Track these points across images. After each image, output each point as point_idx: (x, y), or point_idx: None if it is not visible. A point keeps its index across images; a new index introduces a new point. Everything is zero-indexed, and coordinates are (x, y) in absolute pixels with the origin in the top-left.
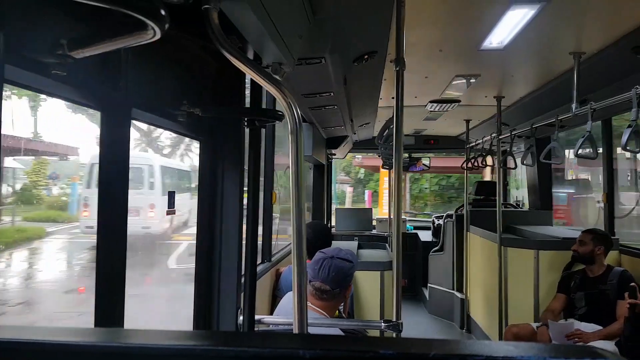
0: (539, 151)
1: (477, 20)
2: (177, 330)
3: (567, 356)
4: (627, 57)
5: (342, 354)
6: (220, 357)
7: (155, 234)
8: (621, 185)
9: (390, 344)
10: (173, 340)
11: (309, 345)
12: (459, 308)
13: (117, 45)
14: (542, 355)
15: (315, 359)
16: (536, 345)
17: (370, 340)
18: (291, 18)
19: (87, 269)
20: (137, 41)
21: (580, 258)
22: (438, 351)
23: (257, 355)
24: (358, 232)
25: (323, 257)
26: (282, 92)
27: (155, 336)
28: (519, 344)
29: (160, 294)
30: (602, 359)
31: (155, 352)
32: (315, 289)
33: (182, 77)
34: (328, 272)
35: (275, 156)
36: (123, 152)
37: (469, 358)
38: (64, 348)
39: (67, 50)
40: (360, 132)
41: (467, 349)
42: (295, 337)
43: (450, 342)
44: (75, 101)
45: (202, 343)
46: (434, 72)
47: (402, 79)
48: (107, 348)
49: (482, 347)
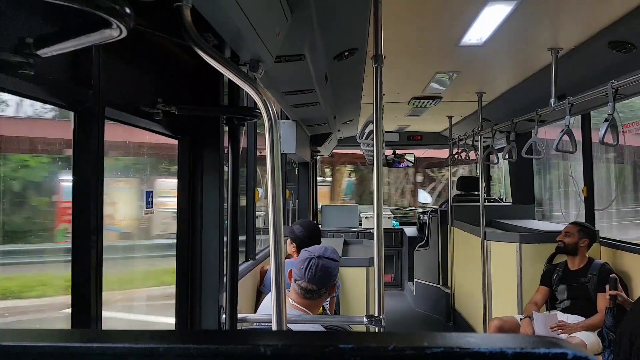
0: (520, 146)
1: (455, 17)
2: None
3: (523, 346)
4: (603, 52)
5: (302, 350)
6: (176, 356)
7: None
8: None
9: (350, 338)
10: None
11: (269, 342)
12: (444, 302)
13: (83, 44)
14: (499, 345)
15: (276, 355)
16: (495, 335)
17: (331, 335)
18: (267, 15)
19: None
20: (104, 39)
21: (565, 249)
22: (397, 344)
23: (216, 352)
24: (344, 228)
25: (309, 256)
26: (256, 89)
27: (130, 336)
28: (477, 335)
29: None
30: (557, 347)
31: (130, 352)
32: (302, 289)
33: (157, 75)
34: (315, 272)
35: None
36: (97, 152)
37: (427, 350)
38: (37, 350)
39: (34, 49)
40: (344, 129)
41: (425, 341)
42: (256, 334)
43: (410, 335)
44: (46, 101)
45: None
46: (415, 68)
47: (381, 76)
48: (84, 349)
49: (441, 339)
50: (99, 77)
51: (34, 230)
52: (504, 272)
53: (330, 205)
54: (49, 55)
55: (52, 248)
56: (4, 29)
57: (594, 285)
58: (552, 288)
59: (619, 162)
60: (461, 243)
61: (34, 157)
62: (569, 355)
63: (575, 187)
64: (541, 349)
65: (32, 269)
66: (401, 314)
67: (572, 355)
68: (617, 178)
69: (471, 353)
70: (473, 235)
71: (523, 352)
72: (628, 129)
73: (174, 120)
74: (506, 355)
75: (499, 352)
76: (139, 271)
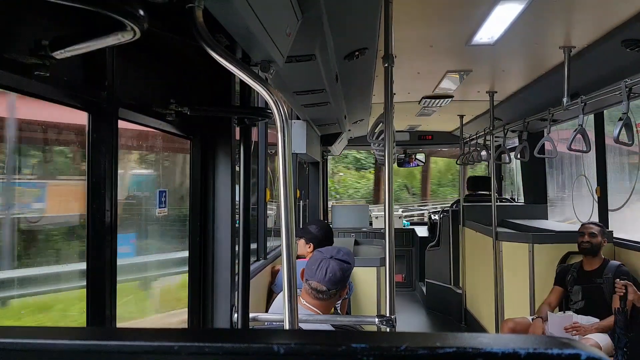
0: (532, 146)
1: (466, 16)
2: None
3: (536, 347)
4: (617, 50)
5: (315, 348)
6: (190, 354)
7: None
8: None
9: (363, 338)
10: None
11: (282, 340)
12: (456, 302)
13: (98, 45)
14: (511, 346)
15: (289, 353)
16: (508, 336)
17: (344, 334)
18: (278, 15)
19: None
20: (118, 41)
21: (591, 250)
22: (410, 344)
23: (231, 351)
24: (355, 228)
25: (321, 257)
26: (268, 89)
27: (145, 334)
28: (490, 335)
29: None
30: (570, 348)
31: (145, 349)
32: (312, 289)
33: (169, 76)
34: (325, 273)
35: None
36: (112, 152)
37: (439, 350)
38: (53, 347)
39: (49, 51)
40: (354, 128)
41: (438, 341)
42: (268, 333)
43: (423, 335)
44: (61, 102)
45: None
46: (426, 68)
47: (392, 75)
48: (99, 347)
49: (453, 339)
50: (113, 79)
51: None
52: (516, 273)
53: (341, 205)
54: (63, 57)
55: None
56: (20, 31)
57: (609, 286)
58: (566, 289)
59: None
60: (472, 243)
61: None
62: (582, 356)
63: (589, 187)
64: (554, 350)
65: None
66: (412, 314)
67: (585, 356)
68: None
69: (484, 353)
70: (485, 236)
71: (536, 352)
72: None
73: (186, 120)
74: (519, 355)
75: (512, 353)
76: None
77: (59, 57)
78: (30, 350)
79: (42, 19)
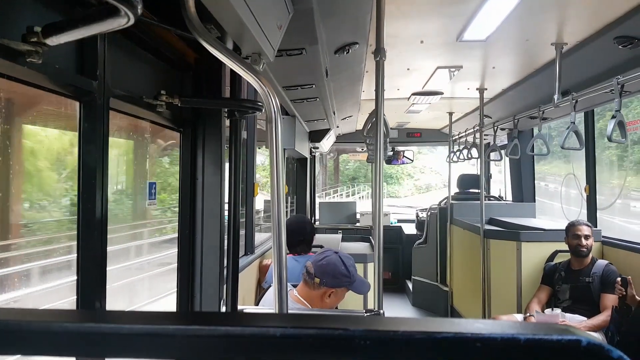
0: (522, 143)
1: (457, 11)
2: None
3: (535, 332)
4: (609, 47)
5: (311, 332)
6: (191, 337)
7: None
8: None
9: (360, 322)
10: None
11: (279, 323)
12: (442, 300)
13: (91, 32)
14: (511, 332)
15: (285, 336)
16: (507, 322)
17: (339, 317)
18: (270, 8)
19: None
20: (112, 27)
21: (588, 252)
22: (408, 328)
23: (227, 334)
24: (342, 225)
25: (329, 249)
26: (260, 81)
27: (137, 317)
28: (488, 321)
29: None
30: (570, 334)
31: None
32: (307, 270)
33: (160, 67)
34: (321, 259)
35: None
36: (102, 142)
37: (437, 335)
38: (46, 329)
39: (42, 37)
40: (343, 125)
41: (437, 326)
42: (264, 317)
43: (420, 320)
44: (53, 90)
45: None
46: (416, 63)
47: (383, 69)
48: (89, 329)
49: (451, 325)
50: (104, 69)
51: None
52: (504, 271)
53: (328, 202)
54: (57, 43)
55: None
56: (13, 17)
57: (597, 285)
58: (554, 287)
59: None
60: (460, 241)
61: None
62: (582, 342)
63: (577, 185)
64: (554, 336)
65: None
66: (399, 311)
67: (586, 342)
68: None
69: (483, 339)
70: (472, 233)
71: (536, 338)
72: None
73: (176, 112)
74: (519, 341)
75: (511, 338)
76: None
77: (52, 43)
78: (23, 332)
79: (35, 5)
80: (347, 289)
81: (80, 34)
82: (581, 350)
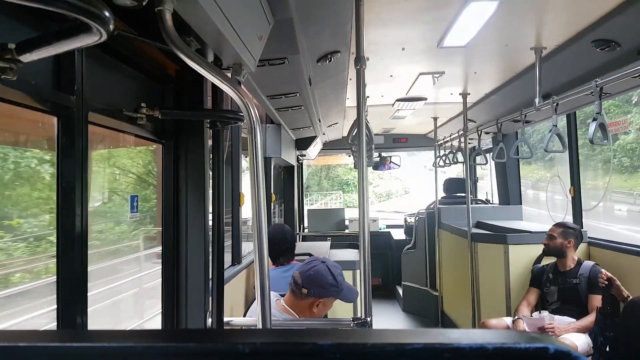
0: (507, 147)
1: (436, 18)
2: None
3: (504, 341)
4: (587, 50)
5: (281, 348)
6: (155, 355)
7: None
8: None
9: (329, 336)
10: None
11: (248, 339)
12: (433, 305)
13: (65, 48)
14: (479, 341)
15: (254, 352)
16: (476, 331)
17: (311, 332)
18: (249, 19)
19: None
20: (85, 43)
21: (551, 252)
22: (377, 340)
23: (195, 351)
24: (331, 232)
25: (316, 258)
26: (238, 92)
27: (111, 336)
28: (458, 331)
29: None
30: (538, 342)
31: (112, 351)
32: (294, 280)
33: (140, 79)
34: (308, 269)
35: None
36: (82, 157)
37: (406, 346)
38: (23, 350)
39: (16, 54)
40: (329, 132)
41: (406, 338)
42: (235, 332)
43: (390, 331)
44: (29, 107)
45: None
46: (398, 70)
47: (364, 77)
48: (70, 349)
49: (421, 335)
50: (82, 83)
51: None
52: (492, 274)
53: (317, 209)
54: (31, 60)
55: None
56: None
57: (584, 286)
58: (542, 289)
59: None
60: (449, 245)
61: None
62: (550, 350)
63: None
64: (522, 344)
65: None
66: (389, 317)
67: (553, 349)
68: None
69: (451, 349)
70: (460, 237)
71: (504, 347)
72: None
73: (157, 124)
74: (486, 350)
75: (479, 348)
76: None
77: (25, 60)
78: (2, 354)
79: (8, 22)
80: (336, 298)
81: (54, 50)
82: (549, 358)
